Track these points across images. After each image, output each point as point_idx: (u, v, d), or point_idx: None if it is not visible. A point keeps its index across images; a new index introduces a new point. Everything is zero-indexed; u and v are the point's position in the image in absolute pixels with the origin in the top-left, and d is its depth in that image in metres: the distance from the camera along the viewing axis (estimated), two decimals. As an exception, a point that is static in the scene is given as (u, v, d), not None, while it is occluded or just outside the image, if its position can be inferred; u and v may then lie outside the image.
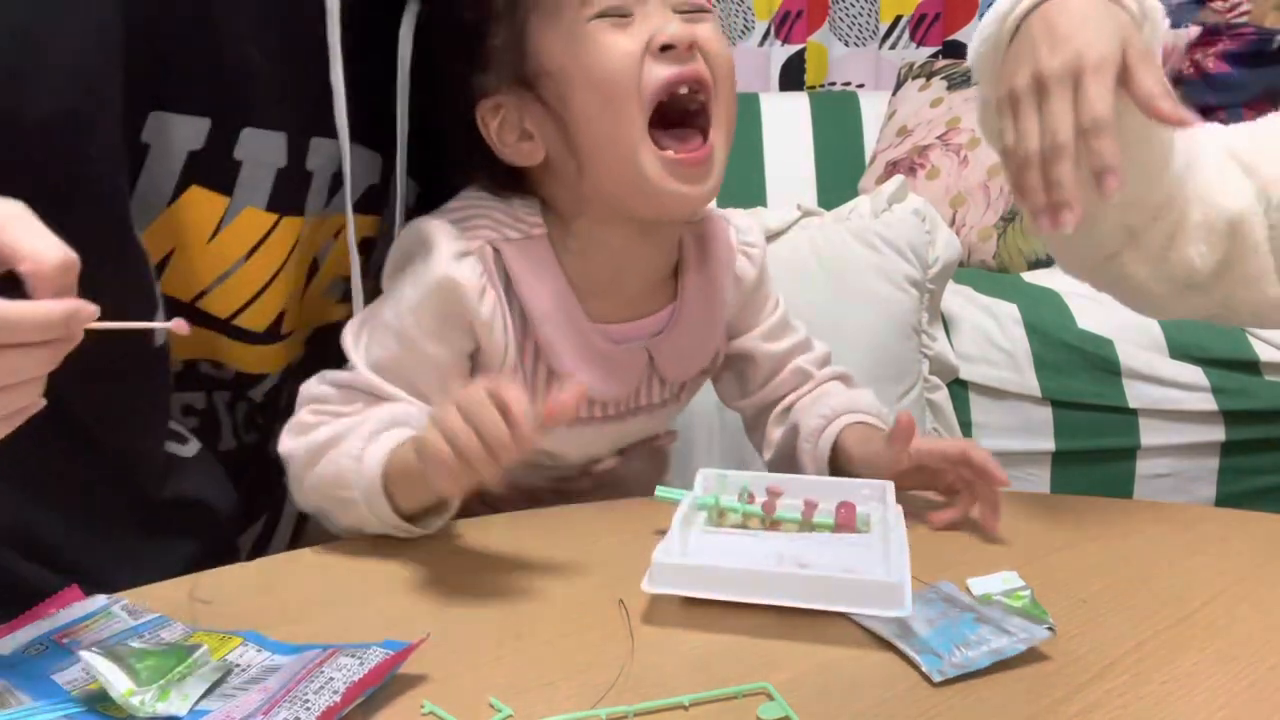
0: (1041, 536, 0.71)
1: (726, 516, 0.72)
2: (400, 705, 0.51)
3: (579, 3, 0.70)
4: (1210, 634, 0.58)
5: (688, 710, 0.51)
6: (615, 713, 0.50)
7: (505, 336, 0.74)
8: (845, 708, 0.51)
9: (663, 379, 0.81)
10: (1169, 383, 1.31)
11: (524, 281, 0.75)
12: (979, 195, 1.72)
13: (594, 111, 0.71)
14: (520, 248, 0.75)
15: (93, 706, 0.49)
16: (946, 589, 0.62)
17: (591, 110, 0.71)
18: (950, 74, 1.95)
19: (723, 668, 0.54)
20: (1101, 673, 0.54)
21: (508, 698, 0.51)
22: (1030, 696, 0.51)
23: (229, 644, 0.55)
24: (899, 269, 1.20)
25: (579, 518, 0.78)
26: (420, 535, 0.70)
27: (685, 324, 0.81)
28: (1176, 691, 0.52)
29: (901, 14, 2.28)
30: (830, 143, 2.07)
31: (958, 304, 1.37)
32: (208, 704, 0.49)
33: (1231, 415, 1.31)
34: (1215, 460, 1.33)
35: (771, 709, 0.50)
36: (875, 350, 1.19)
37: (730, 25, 2.30)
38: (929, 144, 1.83)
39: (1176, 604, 0.61)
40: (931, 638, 0.56)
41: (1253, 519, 0.74)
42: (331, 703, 0.47)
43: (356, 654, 0.52)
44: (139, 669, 0.49)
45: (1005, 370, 1.32)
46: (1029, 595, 0.61)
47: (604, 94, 0.71)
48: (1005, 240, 1.68)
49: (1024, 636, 0.55)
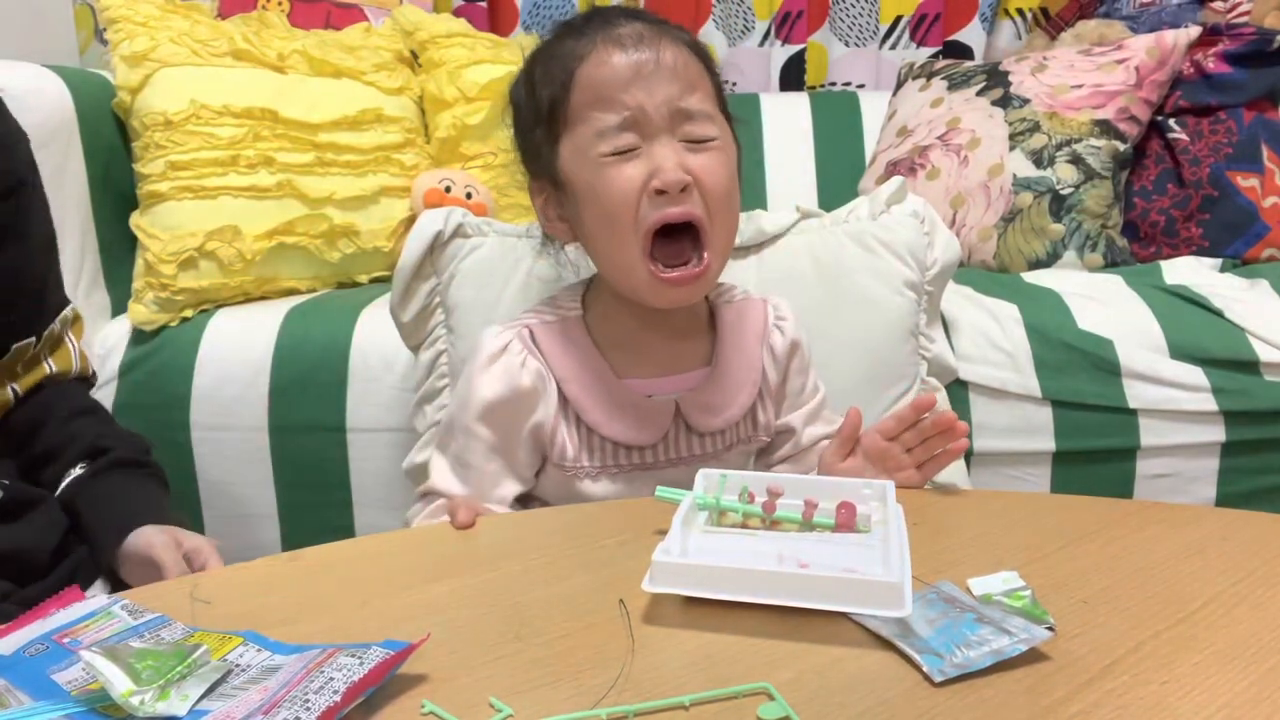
0: (1041, 536, 0.71)
1: (726, 516, 0.72)
2: (400, 705, 0.51)
3: (594, 137, 0.81)
4: (1210, 634, 0.58)
5: (688, 710, 0.51)
6: (615, 713, 0.50)
7: (548, 399, 0.87)
8: (845, 708, 0.51)
9: (690, 428, 0.89)
10: (1169, 383, 1.31)
11: (550, 352, 0.88)
12: (979, 195, 1.72)
13: (601, 231, 0.83)
14: (551, 327, 0.90)
15: (93, 706, 0.49)
16: (947, 589, 0.62)
17: (599, 229, 0.84)
18: (950, 74, 1.95)
19: (723, 668, 0.54)
20: (1101, 673, 0.54)
21: (508, 698, 0.51)
22: (1030, 696, 0.51)
23: (229, 644, 0.55)
24: (896, 272, 1.20)
25: (579, 518, 0.78)
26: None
27: (716, 384, 0.90)
28: (1176, 691, 0.52)
29: (901, 14, 2.28)
30: (830, 143, 2.07)
31: (958, 304, 1.37)
32: (208, 704, 0.49)
33: (1231, 415, 1.30)
34: (1215, 460, 1.33)
35: (771, 709, 0.50)
36: (871, 353, 1.18)
37: (730, 25, 2.30)
38: (929, 144, 1.83)
39: (1176, 604, 0.61)
40: (932, 638, 0.56)
41: (1253, 519, 0.74)
42: (331, 703, 0.47)
43: (356, 654, 0.52)
44: (139, 669, 0.49)
45: (1005, 370, 1.32)
46: (1029, 595, 0.61)
47: (608, 220, 0.82)
48: (1005, 240, 1.68)
49: (1024, 636, 0.55)
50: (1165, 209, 1.71)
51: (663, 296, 0.84)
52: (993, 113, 1.79)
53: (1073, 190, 1.66)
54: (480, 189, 1.80)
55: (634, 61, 0.80)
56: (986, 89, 1.84)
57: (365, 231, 1.69)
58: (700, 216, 0.81)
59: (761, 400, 0.93)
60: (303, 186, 1.64)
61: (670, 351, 0.90)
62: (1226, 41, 1.74)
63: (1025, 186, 1.69)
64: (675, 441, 0.89)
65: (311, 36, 1.83)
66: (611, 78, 0.80)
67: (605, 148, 0.80)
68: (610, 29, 0.82)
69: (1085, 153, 1.68)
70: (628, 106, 0.80)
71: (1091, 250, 1.64)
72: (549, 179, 0.86)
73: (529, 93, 0.87)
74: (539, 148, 0.86)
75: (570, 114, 0.82)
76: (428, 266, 1.16)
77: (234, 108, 1.62)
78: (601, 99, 0.80)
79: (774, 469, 0.97)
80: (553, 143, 0.84)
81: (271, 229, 1.61)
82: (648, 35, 0.82)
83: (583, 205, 0.83)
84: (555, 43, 0.86)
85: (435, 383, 1.19)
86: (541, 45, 0.89)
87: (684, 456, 0.89)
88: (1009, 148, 1.73)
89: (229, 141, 1.62)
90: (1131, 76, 1.71)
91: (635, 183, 0.80)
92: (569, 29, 0.85)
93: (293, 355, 1.38)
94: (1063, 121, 1.72)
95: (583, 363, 0.88)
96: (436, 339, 1.19)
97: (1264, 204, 1.67)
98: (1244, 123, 1.70)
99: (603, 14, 0.85)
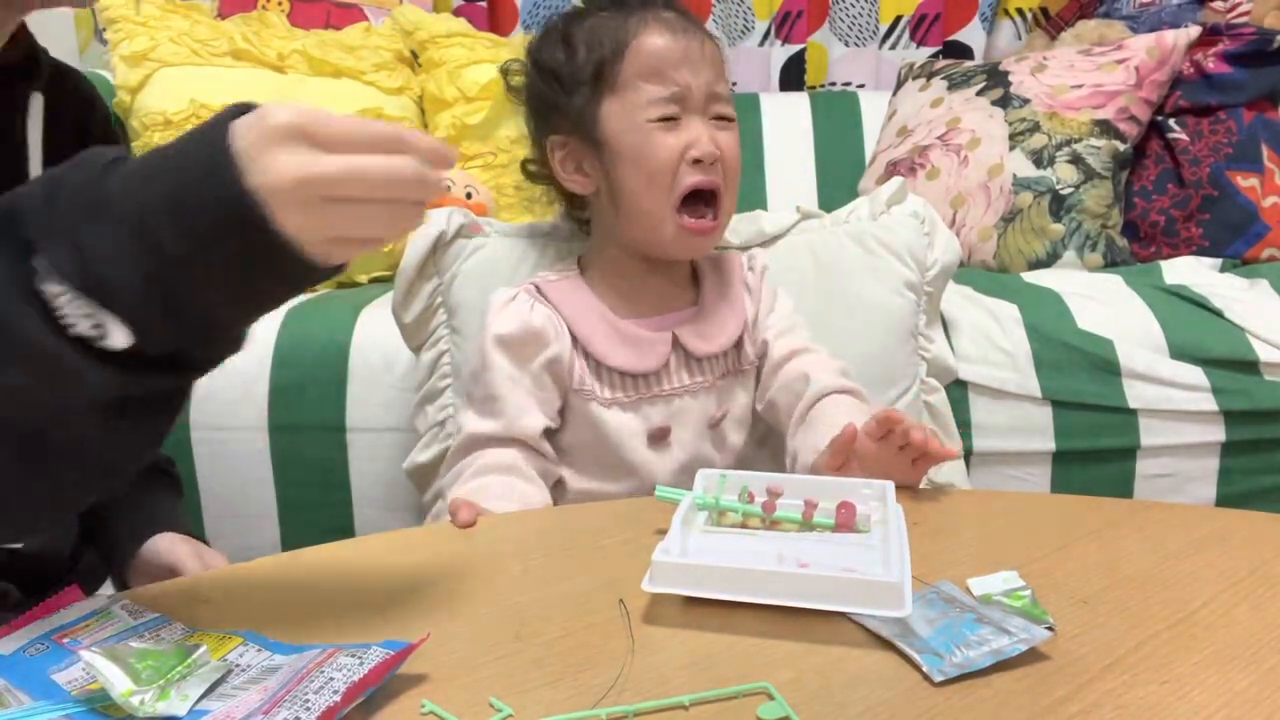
0: (1041, 536, 0.71)
1: (726, 516, 0.72)
2: (400, 705, 0.51)
3: (645, 104, 0.94)
4: (1210, 634, 0.58)
5: (688, 710, 0.51)
6: (615, 713, 0.50)
7: (561, 336, 0.97)
8: (845, 708, 0.51)
9: (688, 354, 1.00)
10: (1169, 383, 1.31)
11: (560, 299, 0.99)
12: (979, 195, 1.72)
13: (638, 187, 0.96)
14: (555, 284, 1.01)
15: (93, 706, 0.49)
16: (947, 589, 0.62)
17: (636, 185, 0.96)
18: (950, 74, 1.95)
19: (723, 668, 0.54)
20: (1101, 673, 0.54)
21: (508, 698, 0.51)
22: (1030, 696, 0.51)
23: (229, 644, 0.55)
24: (896, 272, 1.20)
25: (579, 518, 0.78)
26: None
27: (705, 315, 1.02)
28: (1176, 691, 0.52)
29: (901, 14, 2.28)
30: (830, 143, 2.07)
31: (958, 304, 1.37)
32: (207, 704, 0.49)
33: (1231, 415, 1.30)
34: (1215, 460, 1.33)
35: (771, 709, 0.50)
36: (871, 354, 1.18)
37: (730, 25, 2.30)
38: (929, 144, 1.83)
39: (1176, 604, 0.61)
40: (932, 638, 0.56)
41: (1253, 519, 0.74)
42: (331, 703, 0.47)
43: (356, 654, 0.52)
44: (139, 669, 0.49)
45: (1005, 370, 1.32)
46: (1029, 595, 0.61)
47: (647, 179, 0.95)
48: (1005, 240, 1.68)
49: (1024, 636, 0.55)
50: (1165, 209, 1.71)
51: (685, 245, 0.98)
52: (993, 113, 1.79)
53: (1073, 190, 1.66)
54: (480, 189, 1.80)
55: (683, 45, 0.94)
56: (986, 89, 1.84)
57: (365, 231, 1.69)
58: (720, 184, 0.96)
59: (748, 332, 1.04)
60: (303, 186, 1.64)
61: (663, 296, 1.03)
62: (1226, 41, 1.74)
63: (1025, 186, 1.69)
64: (675, 369, 1.00)
65: (311, 36, 1.83)
66: (665, 55, 0.94)
67: (653, 114, 0.93)
68: (656, 11, 0.96)
69: (1085, 153, 1.68)
70: (677, 83, 0.93)
71: (1091, 250, 1.64)
72: (579, 134, 0.97)
73: (567, 54, 0.97)
74: (574, 104, 0.96)
75: (620, 79, 0.94)
76: (430, 266, 1.16)
77: (234, 107, 1.62)
78: (654, 71, 0.94)
79: (766, 397, 1.03)
80: (595, 102, 0.95)
81: (271, 229, 1.61)
82: (690, 25, 0.96)
83: (621, 162, 0.95)
84: (598, 13, 0.98)
85: (437, 383, 1.19)
86: (576, 13, 1.00)
87: (686, 385, 1.00)
88: (1009, 148, 1.73)
89: (229, 141, 1.61)
90: (1131, 76, 1.71)
91: (675, 150, 0.94)
92: (613, 3, 0.98)
93: (293, 355, 1.38)
94: (1063, 121, 1.72)
95: (587, 306, 1.00)
96: (439, 339, 1.19)
97: (1264, 204, 1.67)
98: (1244, 123, 1.71)
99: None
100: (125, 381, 0.52)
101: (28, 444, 0.53)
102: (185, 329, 0.52)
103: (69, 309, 0.49)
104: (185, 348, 0.54)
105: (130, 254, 0.49)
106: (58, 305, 0.49)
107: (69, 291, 0.49)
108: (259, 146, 0.50)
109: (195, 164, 0.50)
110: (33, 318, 0.49)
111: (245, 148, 0.50)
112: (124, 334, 0.50)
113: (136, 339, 0.50)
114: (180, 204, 0.49)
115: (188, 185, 0.50)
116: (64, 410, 0.53)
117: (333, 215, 0.51)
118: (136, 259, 0.49)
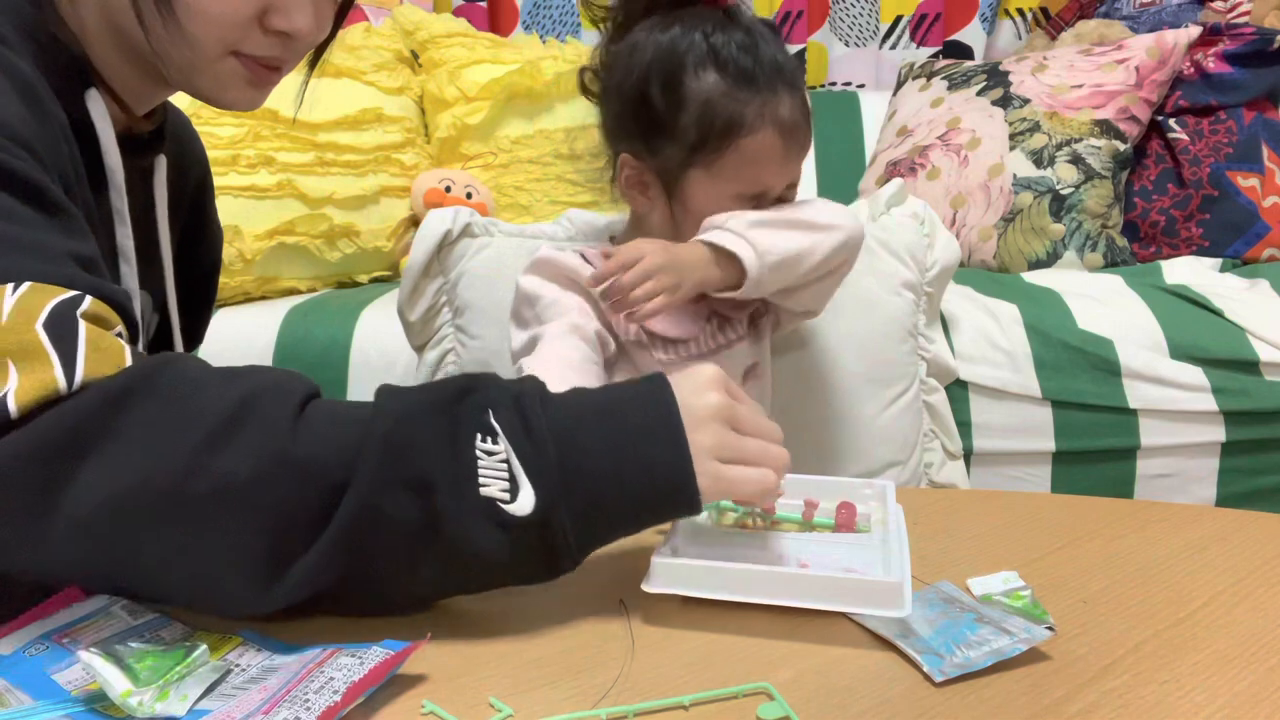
0: (1041, 536, 0.71)
1: (726, 516, 0.72)
2: (400, 705, 0.51)
3: (734, 193, 0.94)
4: (1210, 634, 0.58)
5: (688, 710, 0.51)
6: (615, 713, 0.50)
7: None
8: (845, 708, 0.51)
9: (723, 317, 1.01)
10: (1169, 383, 1.31)
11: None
12: (979, 195, 1.72)
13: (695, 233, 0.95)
14: (597, 256, 0.97)
15: (93, 706, 0.49)
16: (947, 589, 0.62)
17: (694, 231, 0.95)
18: (950, 74, 1.95)
19: (723, 668, 0.54)
20: (1101, 673, 0.54)
21: (508, 698, 0.51)
22: (1030, 696, 0.51)
23: (228, 644, 0.55)
24: (895, 273, 1.20)
25: (579, 518, 0.78)
26: None
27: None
28: (1176, 691, 0.52)
29: (901, 14, 2.28)
30: (830, 143, 2.07)
31: (958, 304, 1.37)
32: (207, 704, 0.49)
33: (1231, 415, 1.30)
34: (1215, 460, 1.33)
35: (771, 709, 0.50)
36: (870, 353, 1.19)
37: (730, 25, 2.30)
38: (929, 144, 1.83)
39: (1176, 604, 0.61)
40: (932, 638, 0.56)
41: (1253, 519, 0.74)
42: (331, 703, 0.47)
43: (356, 654, 0.52)
44: (138, 669, 0.49)
45: (1005, 370, 1.32)
46: (1029, 595, 0.61)
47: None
48: (1005, 240, 1.68)
49: (1024, 636, 0.55)
50: (1165, 209, 1.71)
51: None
52: (993, 113, 1.79)
53: (1073, 190, 1.66)
54: (480, 189, 1.80)
55: (785, 150, 0.95)
56: (986, 89, 1.84)
57: (365, 231, 1.69)
58: None
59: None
60: (303, 186, 1.64)
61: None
62: (1226, 41, 1.74)
63: (1025, 186, 1.69)
64: (713, 332, 1.01)
65: (311, 36, 1.82)
66: (769, 156, 0.94)
67: (736, 195, 0.95)
68: (777, 105, 0.93)
69: (1085, 153, 1.68)
70: (766, 184, 0.95)
71: (1091, 250, 1.64)
72: (655, 171, 0.97)
73: (673, 104, 0.94)
74: (663, 150, 0.96)
75: (716, 161, 0.94)
76: (435, 265, 1.17)
77: (234, 107, 1.62)
78: (750, 174, 0.94)
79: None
80: (685, 165, 0.95)
81: (272, 229, 1.61)
82: (802, 124, 0.96)
83: (690, 217, 0.96)
84: (725, 74, 0.93)
85: (438, 382, 1.19)
86: (688, 60, 0.94)
87: (721, 344, 1.01)
88: (1009, 148, 1.73)
89: (229, 141, 1.62)
90: (1132, 76, 1.71)
91: None
92: (740, 74, 0.93)
93: (293, 355, 1.38)
94: (1063, 121, 1.72)
95: None
96: (443, 338, 1.19)
97: (1264, 204, 1.67)
98: (1244, 123, 1.71)
99: (770, 79, 0.94)
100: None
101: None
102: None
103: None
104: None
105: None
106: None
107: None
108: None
109: (662, 490, 0.58)
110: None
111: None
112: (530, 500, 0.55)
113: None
114: (643, 506, 0.58)
115: (654, 501, 0.59)
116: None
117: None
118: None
